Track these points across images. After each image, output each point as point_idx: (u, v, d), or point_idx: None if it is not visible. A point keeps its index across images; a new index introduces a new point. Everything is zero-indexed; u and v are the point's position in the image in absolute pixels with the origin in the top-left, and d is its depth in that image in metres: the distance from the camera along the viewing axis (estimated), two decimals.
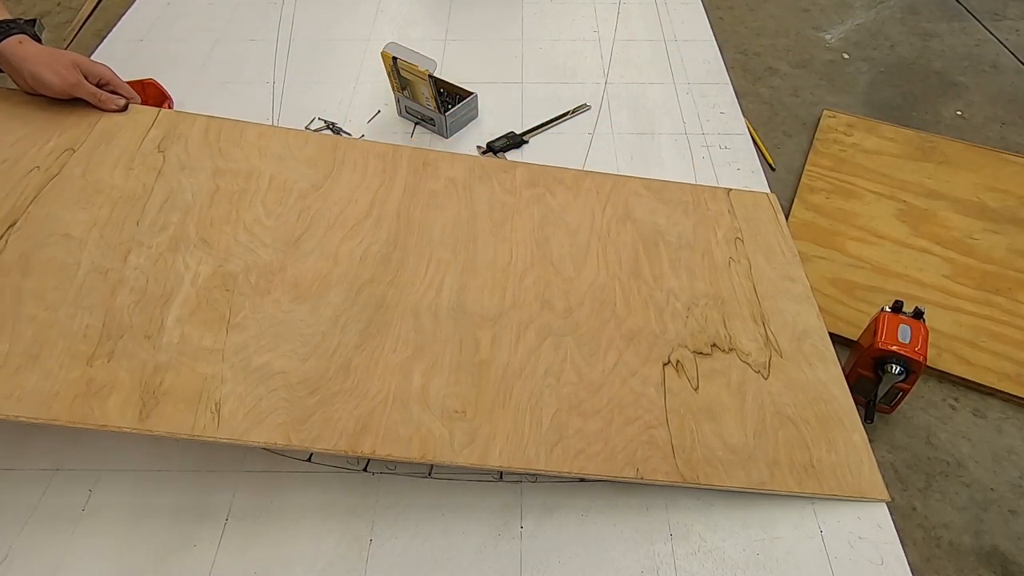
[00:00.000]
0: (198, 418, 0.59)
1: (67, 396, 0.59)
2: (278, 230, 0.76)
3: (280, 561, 0.60)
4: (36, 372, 0.60)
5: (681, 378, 0.70)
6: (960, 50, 2.15)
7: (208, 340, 0.65)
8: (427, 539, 0.62)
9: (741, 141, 1.01)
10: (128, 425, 0.58)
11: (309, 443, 0.59)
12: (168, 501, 0.64)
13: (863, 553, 0.61)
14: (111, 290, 0.67)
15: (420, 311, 0.71)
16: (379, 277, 0.73)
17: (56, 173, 0.76)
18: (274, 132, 0.88)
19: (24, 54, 0.82)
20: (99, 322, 0.64)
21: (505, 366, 0.68)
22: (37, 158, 0.78)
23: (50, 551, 0.61)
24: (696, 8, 1.28)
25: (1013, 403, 1.27)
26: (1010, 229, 1.53)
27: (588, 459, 0.62)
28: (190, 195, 0.77)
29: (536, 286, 0.75)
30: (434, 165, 0.87)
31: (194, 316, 0.66)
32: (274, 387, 0.62)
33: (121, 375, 0.61)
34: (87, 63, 0.86)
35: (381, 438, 0.60)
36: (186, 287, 0.68)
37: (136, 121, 0.85)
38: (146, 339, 0.64)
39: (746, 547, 0.61)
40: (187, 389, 0.61)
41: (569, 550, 0.61)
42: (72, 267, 0.69)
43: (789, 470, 0.65)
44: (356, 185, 0.83)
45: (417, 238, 0.78)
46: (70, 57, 0.85)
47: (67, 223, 0.72)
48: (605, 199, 0.87)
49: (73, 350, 0.62)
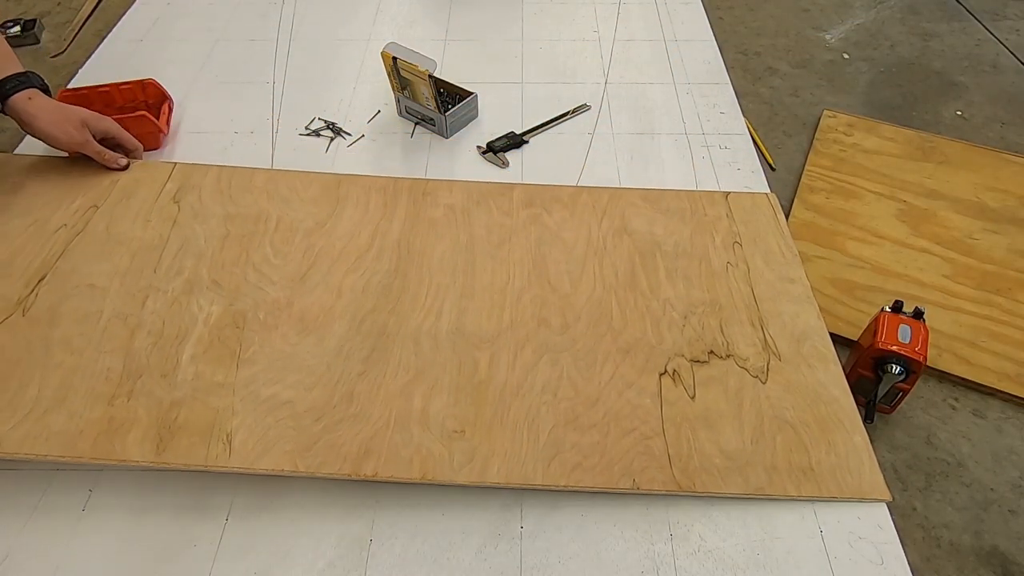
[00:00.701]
0: (211, 449, 0.63)
1: (90, 434, 0.63)
2: (285, 268, 0.79)
3: (280, 561, 0.60)
4: (62, 413, 0.65)
5: (678, 387, 0.71)
6: (960, 50, 2.15)
7: (220, 375, 0.69)
8: (427, 539, 0.62)
9: (741, 141, 1.01)
10: (146, 459, 0.62)
11: (315, 468, 0.63)
12: (168, 501, 0.64)
13: (863, 553, 0.61)
14: (130, 333, 0.72)
15: (420, 336, 0.74)
16: (381, 306, 0.76)
17: (81, 229, 0.82)
18: (281, 176, 0.91)
19: (34, 111, 0.85)
20: (120, 364, 0.69)
21: (503, 385, 0.70)
22: (65, 216, 0.84)
23: (50, 551, 0.61)
24: (696, 8, 1.28)
25: (1013, 403, 1.27)
26: (1010, 229, 1.53)
27: (584, 472, 0.64)
28: (203, 241, 0.82)
29: (533, 305, 0.77)
30: (433, 194, 0.90)
31: (207, 353, 0.70)
32: (281, 417, 0.66)
33: (140, 412, 0.65)
34: (94, 120, 0.89)
35: (383, 461, 0.63)
36: (199, 327, 0.73)
37: (153, 176, 0.90)
38: (162, 377, 0.68)
39: (746, 547, 0.61)
40: (200, 423, 0.65)
41: (569, 550, 0.61)
42: (95, 314, 0.74)
43: (787, 474, 0.65)
44: (358, 220, 0.86)
45: (417, 266, 0.81)
46: (78, 115, 0.88)
47: (91, 274, 0.78)
48: (601, 213, 0.88)
49: (96, 391, 0.66)
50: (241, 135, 1.01)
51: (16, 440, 0.62)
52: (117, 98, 1.00)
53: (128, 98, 1.00)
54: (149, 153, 0.98)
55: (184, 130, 1.02)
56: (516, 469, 0.64)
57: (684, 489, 0.63)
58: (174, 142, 1.00)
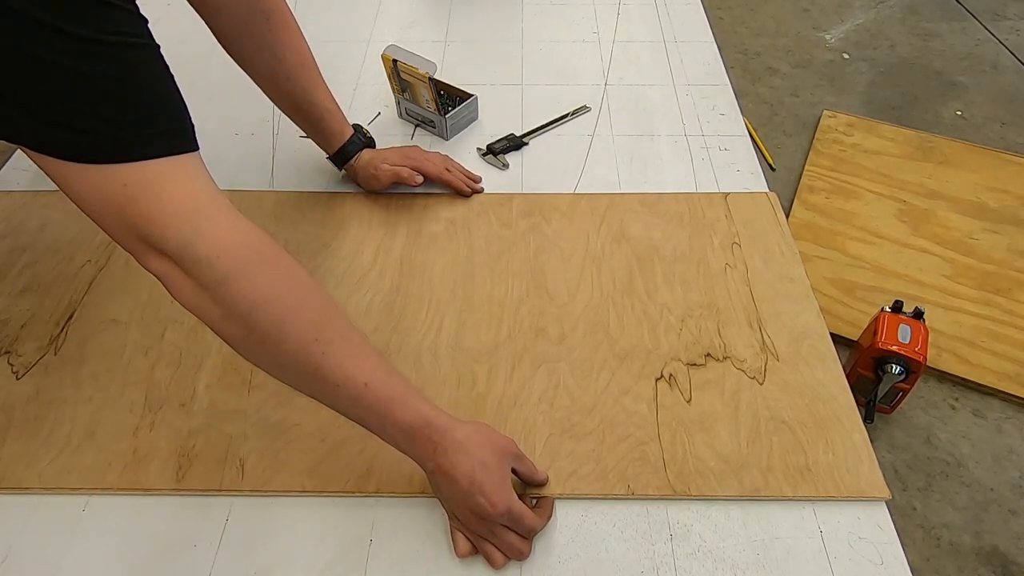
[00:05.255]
0: (225, 474, 0.65)
1: (117, 466, 0.66)
2: None
3: (280, 561, 0.60)
4: (92, 447, 0.67)
5: (674, 391, 0.71)
6: (960, 50, 2.15)
7: (232, 402, 0.71)
8: (427, 539, 0.62)
9: (741, 142, 1.01)
10: (167, 487, 0.65)
11: (321, 487, 0.65)
12: (169, 501, 0.64)
13: (863, 553, 0.61)
14: (151, 366, 0.75)
15: (421, 352, 0.75)
16: (383, 325, 0.78)
17: (104, 264, 0.84)
18: (288, 198, 0.92)
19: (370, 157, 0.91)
20: (142, 396, 0.72)
21: (500, 397, 0.71)
22: (88, 251, 0.86)
23: (50, 551, 0.61)
24: (696, 9, 1.28)
25: (1013, 403, 1.27)
26: (1010, 229, 1.53)
27: (580, 480, 0.65)
28: None
29: (531, 316, 0.78)
30: (434, 208, 0.91)
31: (221, 381, 0.73)
32: (290, 439, 0.68)
33: (161, 443, 0.68)
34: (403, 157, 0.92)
35: (385, 477, 0.65)
36: (213, 355, 0.75)
37: None
38: (181, 407, 0.71)
39: (746, 547, 0.61)
40: (216, 450, 0.67)
41: (569, 550, 0.61)
42: (119, 349, 0.76)
43: (784, 475, 0.65)
44: (362, 238, 0.87)
45: (418, 282, 0.82)
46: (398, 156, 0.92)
47: (114, 309, 0.80)
48: (600, 220, 0.89)
49: (121, 424, 0.69)
50: (242, 136, 1.01)
51: (53, 475, 0.65)
52: None
53: None
54: None
55: None
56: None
57: (679, 493, 0.64)
58: None
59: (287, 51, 0.81)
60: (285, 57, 0.81)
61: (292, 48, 0.81)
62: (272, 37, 0.79)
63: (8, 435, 0.68)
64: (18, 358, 0.74)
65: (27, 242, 0.86)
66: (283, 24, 0.80)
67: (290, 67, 0.82)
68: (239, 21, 0.77)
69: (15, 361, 0.74)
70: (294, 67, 0.82)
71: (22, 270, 0.83)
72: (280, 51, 0.80)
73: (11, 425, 0.69)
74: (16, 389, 0.72)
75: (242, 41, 0.79)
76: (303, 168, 0.96)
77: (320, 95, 0.85)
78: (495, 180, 0.95)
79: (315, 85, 0.85)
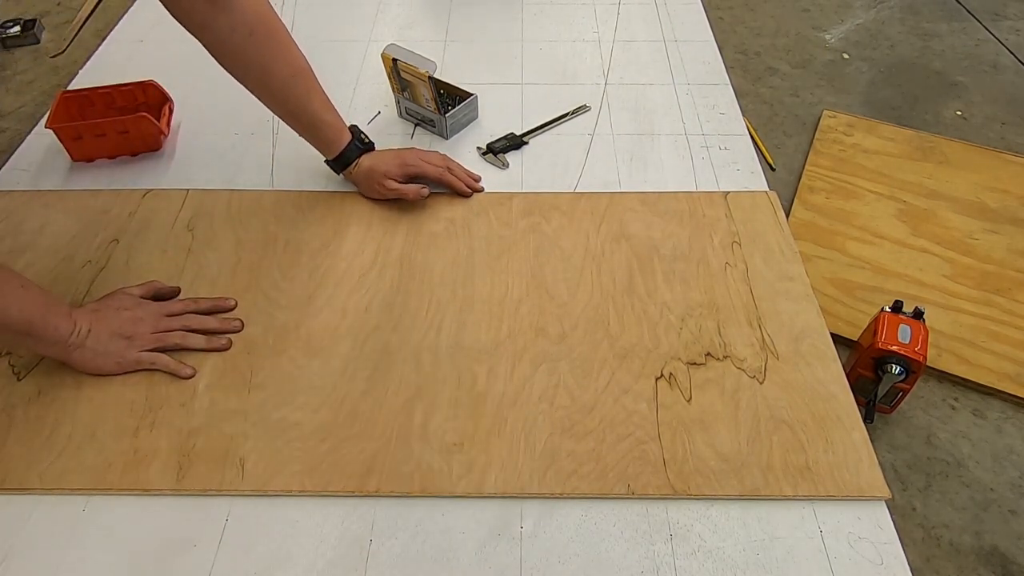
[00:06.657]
0: (225, 474, 0.65)
1: (118, 466, 0.66)
2: (292, 291, 0.81)
3: (280, 561, 0.60)
4: (93, 447, 0.67)
5: (674, 390, 0.71)
6: (960, 50, 2.15)
7: (233, 402, 0.71)
8: (427, 539, 0.62)
9: (741, 142, 1.01)
10: (168, 487, 0.65)
11: (321, 487, 0.65)
12: (169, 500, 0.64)
13: (863, 553, 0.61)
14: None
15: (421, 352, 0.75)
16: (383, 324, 0.77)
17: (104, 264, 0.84)
18: (288, 197, 0.92)
19: (371, 162, 0.90)
20: (142, 396, 0.71)
21: (501, 396, 0.71)
22: (88, 252, 0.86)
23: (50, 551, 0.61)
24: (696, 8, 1.28)
25: (1013, 403, 1.27)
26: (1010, 229, 1.53)
27: (580, 479, 0.65)
28: (215, 269, 0.84)
29: (531, 315, 0.78)
30: (434, 208, 0.91)
31: (221, 381, 0.73)
32: (290, 439, 0.68)
33: (161, 442, 0.68)
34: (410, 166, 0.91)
35: (385, 477, 0.65)
36: (213, 355, 0.75)
37: (168, 205, 0.92)
38: (181, 407, 0.71)
39: (746, 547, 0.61)
40: (216, 449, 0.67)
41: (569, 550, 0.61)
42: None
43: (784, 474, 0.65)
44: (362, 238, 0.87)
45: (418, 281, 0.82)
46: (398, 160, 0.91)
47: None
48: (600, 219, 0.89)
49: (122, 424, 0.69)
50: (242, 136, 1.01)
51: (55, 476, 0.65)
52: (117, 99, 1.00)
53: (128, 99, 1.00)
54: (149, 154, 0.98)
55: (184, 131, 1.02)
56: (513, 479, 0.65)
57: (679, 493, 0.64)
58: (174, 143, 1.00)
59: (275, 63, 0.80)
60: (273, 70, 0.80)
61: (280, 60, 0.81)
62: (257, 51, 0.79)
63: (9, 435, 0.68)
64: (19, 359, 0.74)
65: (27, 242, 0.86)
66: (269, 36, 0.79)
67: (280, 79, 0.81)
68: (222, 36, 0.77)
69: (16, 362, 0.74)
70: (284, 79, 0.82)
71: (22, 270, 0.83)
72: (268, 64, 0.80)
73: (12, 425, 0.69)
74: (17, 390, 0.72)
75: (228, 57, 0.79)
76: (303, 167, 0.96)
77: (315, 104, 0.85)
78: (495, 179, 0.95)
79: (309, 95, 0.84)
